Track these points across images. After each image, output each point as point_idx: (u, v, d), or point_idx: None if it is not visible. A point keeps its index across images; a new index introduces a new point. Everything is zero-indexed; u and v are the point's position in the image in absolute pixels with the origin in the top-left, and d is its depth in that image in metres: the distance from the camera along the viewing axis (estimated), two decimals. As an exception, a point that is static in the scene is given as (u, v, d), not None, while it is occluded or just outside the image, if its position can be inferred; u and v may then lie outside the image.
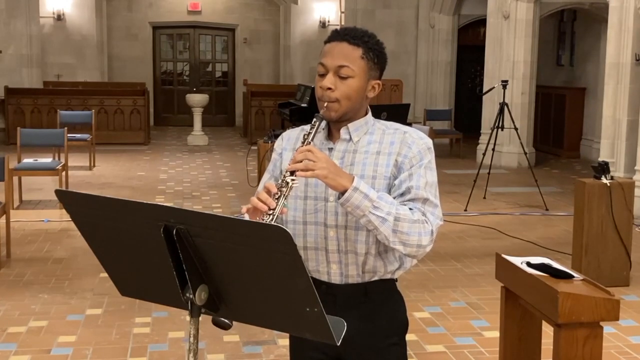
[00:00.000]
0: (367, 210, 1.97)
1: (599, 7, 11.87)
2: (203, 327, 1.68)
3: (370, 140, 2.15)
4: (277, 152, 2.27)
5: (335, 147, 2.16)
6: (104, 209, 1.60)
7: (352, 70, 2.08)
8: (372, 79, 2.14)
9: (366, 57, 2.10)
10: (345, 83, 2.08)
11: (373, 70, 2.13)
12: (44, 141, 8.98)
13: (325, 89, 2.09)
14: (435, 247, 6.75)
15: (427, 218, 2.09)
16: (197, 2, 18.36)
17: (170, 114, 18.75)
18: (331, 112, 2.11)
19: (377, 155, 2.12)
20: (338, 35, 2.13)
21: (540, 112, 13.41)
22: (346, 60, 2.08)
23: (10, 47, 14.92)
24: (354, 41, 2.10)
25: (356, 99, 2.11)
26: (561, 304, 2.89)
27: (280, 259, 1.47)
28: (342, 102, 2.09)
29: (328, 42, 2.15)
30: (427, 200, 2.13)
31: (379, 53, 2.14)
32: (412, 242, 2.04)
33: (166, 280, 1.59)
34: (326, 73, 2.10)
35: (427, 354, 4.37)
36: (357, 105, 2.13)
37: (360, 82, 2.10)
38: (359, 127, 2.15)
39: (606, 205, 5.56)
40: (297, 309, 1.53)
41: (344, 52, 2.09)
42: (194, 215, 1.53)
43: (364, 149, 2.14)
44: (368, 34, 2.14)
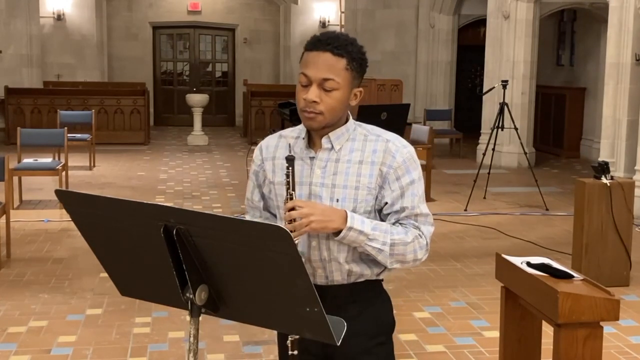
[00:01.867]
0: (363, 243, 2.02)
1: (599, 7, 11.87)
2: (203, 327, 1.68)
3: (352, 147, 2.12)
4: (256, 164, 2.24)
5: (317, 156, 2.12)
6: (104, 209, 1.60)
7: (337, 83, 2.04)
8: (354, 87, 2.11)
9: (350, 68, 2.06)
10: (330, 95, 2.04)
11: (356, 79, 2.10)
12: (44, 141, 8.98)
13: (310, 102, 2.05)
14: (435, 247, 6.81)
15: (421, 232, 2.12)
16: (197, 2, 18.36)
17: (170, 114, 18.75)
18: (314, 123, 2.08)
19: (359, 165, 2.09)
20: (321, 44, 2.06)
21: (540, 112, 13.41)
22: (331, 73, 2.03)
23: (10, 47, 14.92)
24: (338, 51, 2.04)
25: (340, 109, 2.08)
26: (561, 304, 2.89)
27: (280, 259, 1.47)
28: (327, 114, 2.06)
29: (310, 49, 2.07)
30: (420, 214, 2.14)
31: (361, 61, 2.10)
32: (409, 259, 2.10)
33: (166, 280, 1.59)
34: (309, 84, 2.05)
35: (427, 354, 4.37)
36: (340, 115, 2.10)
37: (344, 93, 2.07)
38: (340, 135, 2.12)
39: (606, 205, 5.56)
40: (297, 309, 1.53)
41: (328, 64, 2.04)
42: (194, 215, 1.53)
43: (346, 157, 2.11)
44: (351, 41, 2.08)
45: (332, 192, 2.09)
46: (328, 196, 2.10)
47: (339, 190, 2.09)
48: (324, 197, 2.09)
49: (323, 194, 2.10)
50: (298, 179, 2.11)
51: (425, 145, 9.18)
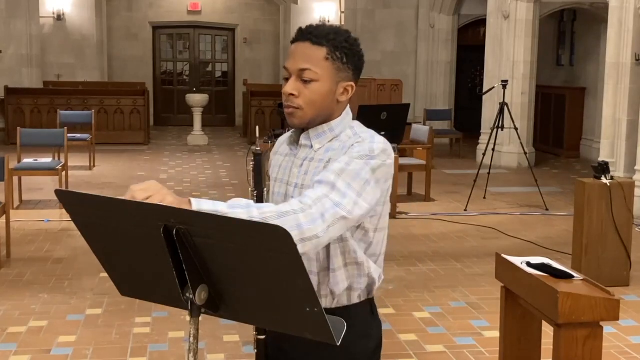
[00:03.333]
0: None
1: (599, 7, 11.86)
2: (203, 327, 1.68)
3: (330, 148, 1.95)
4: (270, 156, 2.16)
5: (297, 154, 2.00)
6: (104, 209, 1.60)
7: (314, 73, 1.90)
8: (342, 81, 1.94)
9: (332, 58, 1.91)
10: (309, 88, 1.90)
11: (343, 72, 1.93)
12: (44, 141, 8.98)
13: (288, 95, 1.92)
14: (435, 247, 6.82)
15: (314, 206, 1.76)
16: (197, 2, 18.36)
17: (170, 114, 18.75)
18: (294, 119, 1.94)
19: (327, 164, 1.93)
20: (302, 34, 1.94)
21: (540, 112, 13.41)
22: (308, 62, 1.90)
23: (10, 47, 14.91)
24: (317, 40, 1.91)
25: (323, 104, 1.92)
26: (561, 304, 2.89)
27: (280, 259, 1.46)
28: (306, 108, 1.92)
29: (293, 42, 1.97)
30: (335, 187, 1.81)
31: (348, 51, 1.93)
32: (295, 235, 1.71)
33: (166, 280, 1.59)
34: (289, 77, 1.94)
35: (427, 354, 4.37)
36: (327, 111, 1.95)
37: (327, 86, 1.91)
38: (321, 133, 1.97)
39: (606, 205, 5.56)
40: (297, 309, 1.53)
41: (306, 53, 1.91)
42: (194, 215, 1.53)
43: (320, 157, 1.96)
44: (336, 31, 1.94)
45: (300, 194, 1.93)
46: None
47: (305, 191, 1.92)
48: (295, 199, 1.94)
49: (295, 194, 1.96)
50: (281, 177, 2.03)
51: (425, 145, 9.18)
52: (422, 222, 7.90)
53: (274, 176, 2.07)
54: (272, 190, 2.06)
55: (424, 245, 6.90)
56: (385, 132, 8.31)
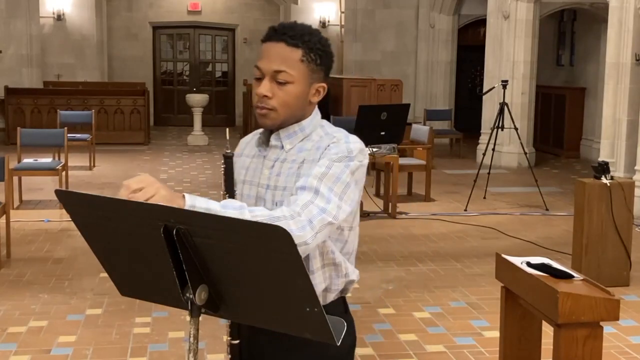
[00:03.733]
0: None
1: (599, 7, 11.86)
2: (203, 327, 1.68)
3: (303, 148, 1.94)
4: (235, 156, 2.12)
5: (267, 155, 1.98)
6: (104, 209, 1.60)
7: (290, 76, 1.88)
8: (315, 82, 1.93)
9: (307, 59, 1.89)
10: (284, 89, 1.88)
11: (316, 73, 1.92)
12: (44, 141, 8.98)
13: (262, 96, 1.90)
14: (435, 247, 6.81)
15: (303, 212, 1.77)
16: (197, 2, 18.36)
17: (170, 114, 18.75)
18: (266, 120, 1.92)
19: (301, 164, 1.91)
20: (275, 34, 1.91)
21: (540, 112, 13.41)
22: (283, 64, 1.88)
23: (10, 47, 14.91)
24: (293, 41, 1.88)
25: (296, 106, 1.91)
26: (561, 304, 2.89)
27: (280, 259, 1.46)
28: (280, 110, 1.90)
29: (265, 41, 1.94)
30: (318, 192, 1.80)
31: (322, 53, 1.92)
32: None
33: (166, 280, 1.59)
34: (262, 77, 1.91)
35: (427, 354, 4.37)
36: (299, 112, 1.93)
37: (301, 88, 1.90)
38: (292, 133, 1.95)
39: (606, 205, 5.56)
40: (297, 309, 1.53)
41: (281, 55, 1.89)
42: (194, 215, 1.53)
43: (292, 157, 1.93)
44: (309, 31, 1.91)
45: (273, 195, 1.93)
46: (270, 199, 1.93)
47: (279, 192, 1.92)
48: (267, 200, 1.94)
49: (267, 196, 1.94)
50: (250, 179, 2.00)
51: (425, 145, 9.18)
52: (422, 222, 7.91)
53: (241, 178, 2.03)
54: (241, 192, 2.02)
55: (424, 245, 6.90)
56: (385, 132, 8.32)
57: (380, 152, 7.88)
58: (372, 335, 4.58)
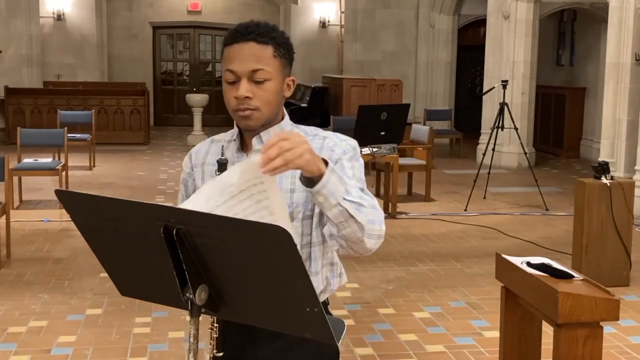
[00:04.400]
0: (340, 197, 1.70)
1: (599, 7, 11.87)
2: (203, 327, 1.68)
3: None
4: (185, 171, 2.07)
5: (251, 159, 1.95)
6: (103, 209, 1.60)
7: (267, 73, 1.87)
8: (286, 76, 1.94)
9: (278, 55, 1.90)
10: (263, 88, 1.88)
11: (286, 67, 1.93)
12: (44, 141, 8.98)
13: (243, 98, 1.87)
14: (435, 247, 6.82)
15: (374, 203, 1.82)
16: (197, 2, 18.36)
17: (170, 114, 18.75)
18: (250, 121, 1.90)
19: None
20: (242, 35, 1.88)
21: (540, 112, 13.41)
22: (259, 63, 1.87)
23: (10, 47, 14.91)
24: (262, 39, 1.87)
25: (276, 102, 1.92)
26: (561, 304, 2.90)
27: (280, 259, 1.46)
28: (263, 109, 1.89)
29: (231, 43, 1.90)
30: (364, 190, 1.83)
31: (288, 47, 1.93)
32: (375, 230, 1.78)
33: (166, 280, 1.59)
34: (237, 80, 1.88)
35: (427, 354, 4.37)
36: (277, 109, 1.95)
37: (277, 84, 1.91)
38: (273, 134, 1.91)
39: (606, 205, 5.56)
40: (297, 309, 1.53)
41: (254, 54, 1.87)
42: (194, 215, 1.53)
43: None
44: (272, 27, 1.92)
45: None
46: None
47: None
48: None
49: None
50: None
51: (425, 145, 9.18)
52: (422, 222, 7.91)
53: None
54: None
55: (424, 245, 6.90)
56: (385, 132, 8.31)
57: (380, 152, 7.87)
58: (372, 335, 4.58)
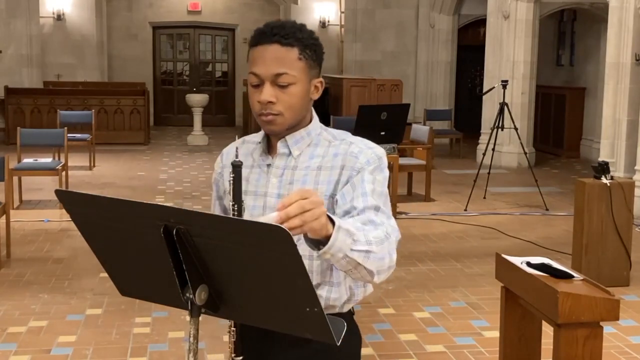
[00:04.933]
0: (347, 250, 1.62)
1: (599, 7, 11.87)
2: (203, 327, 1.68)
3: (314, 154, 1.87)
4: (216, 171, 2.04)
5: (274, 163, 1.89)
6: (103, 209, 1.60)
7: (292, 77, 1.81)
8: (313, 78, 1.87)
9: (304, 57, 1.82)
10: (287, 92, 1.81)
11: (313, 69, 1.86)
12: (44, 141, 8.98)
13: (266, 103, 1.81)
14: (435, 247, 6.81)
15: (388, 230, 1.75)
16: (197, 2, 18.36)
17: (170, 114, 18.75)
18: (274, 126, 1.84)
19: (318, 171, 1.85)
20: (266, 36, 1.82)
21: (540, 112, 13.42)
22: (283, 66, 1.80)
23: (10, 47, 14.91)
24: (287, 41, 1.80)
25: (301, 106, 1.85)
26: (561, 304, 2.89)
27: (280, 259, 1.46)
28: (287, 113, 1.83)
29: (255, 45, 1.83)
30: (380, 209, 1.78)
31: (315, 48, 1.85)
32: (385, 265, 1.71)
33: (166, 280, 1.59)
34: (261, 83, 1.82)
35: (427, 354, 4.37)
36: (303, 112, 1.87)
37: (303, 87, 1.83)
38: (300, 139, 1.88)
39: (606, 205, 5.56)
40: (297, 309, 1.52)
41: (278, 57, 1.80)
42: (194, 215, 1.53)
43: (304, 164, 1.86)
44: (298, 27, 1.84)
45: None
46: None
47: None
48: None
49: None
50: (254, 189, 1.91)
51: (425, 145, 9.18)
52: (422, 222, 7.91)
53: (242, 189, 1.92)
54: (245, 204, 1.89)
55: (424, 245, 6.90)
56: (385, 132, 8.31)
57: (380, 152, 7.86)
58: (372, 335, 4.58)
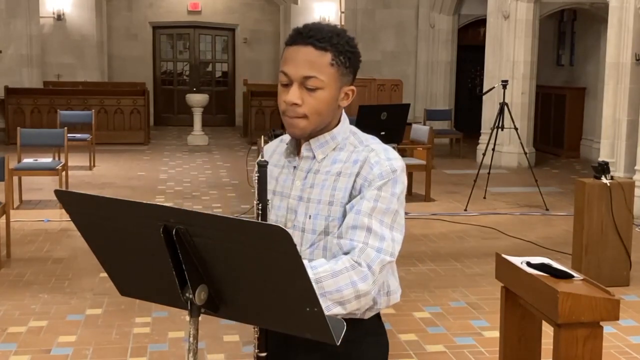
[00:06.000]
0: None
1: (599, 7, 11.87)
2: (203, 327, 1.68)
3: (337, 159, 1.86)
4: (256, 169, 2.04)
5: (299, 165, 1.89)
6: (103, 209, 1.60)
7: (320, 81, 1.78)
8: (344, 85, 1.84)
9: (336, 63, 1.80)
10: (314, 96, 1.79)
11: (345, 76, 1.83)
12: (44, 141, 8.98)
13: (291, 104, 1.80)
14: (435, 247, 6.81)
15: (361, 259, 1.74)
16: (197, 2, 18.36)
17: (170, 114, 18.75)
18: (296, 129, 1.83)
19: (337, 177, 1.83)
20: (301, 37, 1.80)
21: (540, 112, 13.42)
22: (313, 70, 1.78)
23: (10, 47, 14.91)
24: (321, 45, 1.78)
25: (327, 112, 1.82)
26: (561, 304, 2.89)
27: (280, 259, 1.46)
28: (311, 118, 1.81)
29: (290, 44, 1.82)
30: (371, 231, 1.75)
31: (350, 55, 1.83)
32: (348, 295, 1.71)
33: (166, 280, 1.59)
34: (290, 83, 1.80)
35: (427, 354, 4.37)
36: (328, 118, 1.85)
37: (331, 93, 1.81)
38: (324, 142, 1.87)
39: (606, 205, 5.56)
40: (297, 309, 1.52)
41: (309, 59, 1.78)
42: (194, 215, 1.53)
43: (326, 168, 1.85)
44: (337, 32, 1.82)
45: (307, 207, 1.86)
46: (303, 212, 1.86)
47: (313, 205, 1.84)
48: (299, 213, 1.87)
49: (299, 209, 1.88)
50: (280, 190, 1.92)
51: (425, 145, 9.18)
52: (422, 222, 7.90)
53: (271, 188, 1.93)
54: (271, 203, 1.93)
55: (424, 245, 6.90)
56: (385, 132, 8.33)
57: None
58: (372, 335, 4.57)
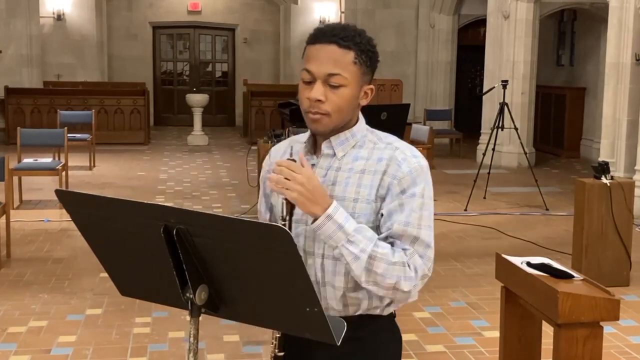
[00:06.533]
0: (339, 243, 1.75)
1: (599, 7, 11.87)
2: (203, 327, 1.68)
3: (358, 156, 1.90)
4: (264, 169, 2.07)
5: (318, 162, 1.92)
6: (104, 209, 1.60)
7: (344, 79, 1.83)
8: (365, 84, 1.90)
9: (359, 62, 1.85)
10: (337, 93, 1.84)
11: (366, 75, 1.89)
12: (44, 141, 8.98)
13: (314, 101, 1.84)
14: (435, 247, 6.76)
15: (411, 261, 1.82)
16: (197, 2, 18.36)
17: (170, 114, 18.75)
18: (319, 125, 1.87)
19: (361, 174, 1.87)
20: (325, 36, 1.85)
21: (540, 112, 13.42)
22: (337, 67, 1.83)
23: (10, 47, 14.91)
24: (345, 43, 1.83)
25: (348, 110, 1.87)
26: (561, 304, 2.89)
27: (280, 259, 1.46)
28: (334, 115, 1.85)
29: (313, 42, 1.87)
30: (418, 240, 1.84)
31: (371, 54, 1.89)
32: (388, 284, 1.79)
33: (166, 280, 1.59)
34: (313, 81, 1.85)
35: (427, 354, 4.37)
36: (349, 116, 1.90)
37: (353, 91, 1.86)
38: (344, 140, 1.91)
39: (606, 205, 5.56)
40: (297, 309, 1.53)
41: (333, 57, 1.83)
42: (194, 215, 1.53)
43: (348, 166, 1.89)
44: (359, 32, 1.88)
45: None
46: None
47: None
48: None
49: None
50: None
51: (425, 145, 9.19)
52: (422, 222, 7.89)
53: None
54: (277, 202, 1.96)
55: (424, 245, 6.89)
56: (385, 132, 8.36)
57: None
58: (372, 335, 4.57)
